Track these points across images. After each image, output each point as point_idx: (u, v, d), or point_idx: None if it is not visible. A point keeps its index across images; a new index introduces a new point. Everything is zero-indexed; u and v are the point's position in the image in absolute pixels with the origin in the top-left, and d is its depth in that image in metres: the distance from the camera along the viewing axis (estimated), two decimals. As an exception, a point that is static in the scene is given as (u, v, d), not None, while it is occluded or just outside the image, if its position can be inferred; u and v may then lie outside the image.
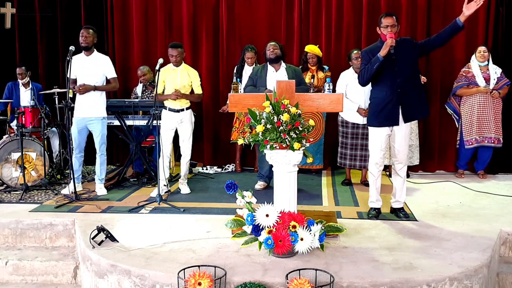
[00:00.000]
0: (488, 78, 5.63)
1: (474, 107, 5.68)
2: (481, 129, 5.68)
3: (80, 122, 4.99)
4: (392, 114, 4.00)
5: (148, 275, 3.09)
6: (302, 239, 3.15)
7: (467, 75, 5.71)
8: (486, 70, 5.66)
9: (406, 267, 3.13)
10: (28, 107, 5.52)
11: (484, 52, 5.64)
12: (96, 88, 4.95)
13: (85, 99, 4.93)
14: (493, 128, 5.65)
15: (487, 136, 5.68)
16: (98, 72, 4.99)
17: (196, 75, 5.07)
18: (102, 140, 5.07)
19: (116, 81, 5.12)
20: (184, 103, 5.00)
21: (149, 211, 4.43)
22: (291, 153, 3.34)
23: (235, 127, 6.11)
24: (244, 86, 5.12)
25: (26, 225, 4.12)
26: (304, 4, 6.32)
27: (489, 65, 5.68)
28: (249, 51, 5.93)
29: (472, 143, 5.74)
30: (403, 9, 6.10)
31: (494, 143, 5.69)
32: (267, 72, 4.92)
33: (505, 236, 3.81)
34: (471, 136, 5.74)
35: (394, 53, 3.89)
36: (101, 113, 5.05)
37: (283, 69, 4.93)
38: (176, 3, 6.57)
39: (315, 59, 5.83)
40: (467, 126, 5.76)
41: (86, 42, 4.90)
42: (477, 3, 3.71)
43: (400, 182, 4.19)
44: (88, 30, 4.93)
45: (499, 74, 5.67)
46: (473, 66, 5.71)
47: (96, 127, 5.01)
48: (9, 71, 6.63)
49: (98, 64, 4.99)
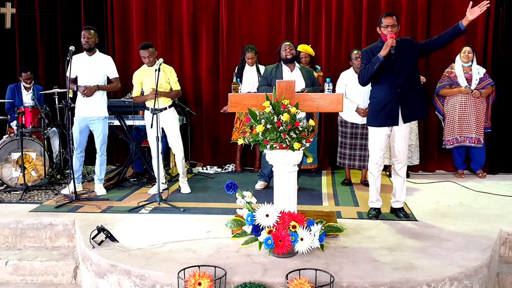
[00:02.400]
0: (470, 79, 5.66)
1: (456, 107, 5.71)
2: (462, 129, 5.70)
3: (81, 122, 4.99)
4: (391, 114, 4.00)
5: (148, 275, 3.09)
6: (302, 239, 3.15)
7: (450, 75, 5.75)
8: (469, 71, 5.69)
9: (406, 267, 3.13)
10: (28, 107, 5.52)
11: (469, 53, 5.66)
12: (99, 88, 4.96)
13: (86, 98, 4.93)
14: (474, 128, 5.66)
15: (468, 136, 5.69)
16: (100, 72, 5.00)
17: (172, 71, 5.02)
18: (103, 140, 5.07)
19: (118, 81, 5.12)
20: (165, 102, 4.96)
21: (149, 211, 4.43)
22: (291, 153, 3.34)
23: (236, 127, 6.11)
24: (258, 86, 5.12)
25: (26, 225, 4.12)
26: (304, 4, 6.32)
27: (472, 65, 5.70)
28: (249, 52, 5.94)
29: (452, 142, 5.76)
30: (403, 9, 6.10)
31: (475, 143, 5.69)
32: (282, 72, 4.93)
33: (505, 236, 3.81)
34: (452, 135, 5.77)
35: (394, 53, 3.89)
36: (103, 113, 5.06)
37: (298, 69, 4.97)
38: (176, 3, 6.57)
39: (308, 58, 5.84)
40: (449, 125, 5.79)
41: (88, 44, 4.91)
42: (481, 8, 3.71)
43: (400, 182, 4.19)
44: (90, 31, 4.94)
45: (482, 74, 5.69)
46: (456, 66, 5.74)
47: (98, 126, 5.01)
48: (9, 71, 6.65)
49: (101, 64, 5.00)
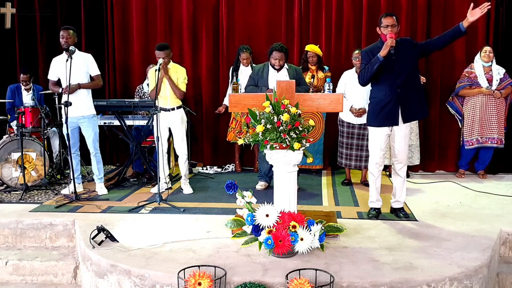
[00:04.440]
0: (491, 79, 5.62)
1: (477, 108, 5.67)
2: (483, 130, 5.67)
3: (70, 122, 4.95)
4: (391, 114, 4.00)
5: (148, 275, 3.09)
6: (302, 239, 3.15)
7: (470, 75, 5.70)
8: (489, 71, 5.65)
9: (406, 267, 3.13)
10: (28, 107, 5.51)
11: (490, 52, 5.62)
12: (81, 86, 4.90)
13: (73, 99, 4.85)
14: (496, 128, 5.64)
15: (490, 136, 5.67)
16: (81, 71, 4.94)
17: (183, 71, 5.04)
18: (95, 138, 5.06)
19: (99, 78, 5.08)
20: (174, 102, 5.00)
21: (149, 211, 4.43)
22: (291, 153, 3.34)
23: (231, 127, 6.12)
24: (245, 86, 5.11)
25: (26, 225, 4.12)
26: (304, 4, 6.32)
27: (492, 65, 5.67)
28: (244, 52, 5.93)
29: (472, 143, 5.73)
30: (403, 9, 6.10)
31: (497, 144, 5.67)
32: (268, 72, 4.91)
33: (505, 236, 3.81)
34: (472, 136, 5.73)
35: (394, 53, 3.89)
36: (90, 111, 5.04)
37: (285, 69, 4.92)
38: (176, 3, 6.57)
39: (315, 58, 5.83)
40: (469, 126, 5.75)
41: (67, 44, 4.85)
42: (482, 9, 3.71)
43: (400, 182, 4.19)
44: (68, 31, 4.88)
45: (502, 74, 5.65)
46: (476, 66, 5.69)
47: (88, 125, 5.00)
48: (9, 71, 6.64)
49: (81, 63, 4.94)
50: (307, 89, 4.95)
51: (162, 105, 4.96)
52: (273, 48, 4.84)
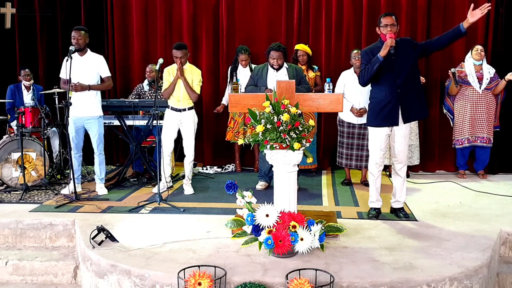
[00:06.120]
0: (481, 78, 5.63)
1: (467, 106, 5.68)
2: (473, 129, 5.68)
3: (76, 122, 4.98)
4: (391, 114, 4.00)
5: (148, 275, 3.09)
6: (302, 239, 3.15)
7: (460, 74, 5.71)
8: (480, 69, 5.66)
9: (406, 267, 3.13)
10: (28, 107, 5.52)
11: (481, 51, 5.63)
12: (91, 88, 4.93)
13: (80, 98, 4.91)
14: (486, 127, 5.65)
15: (480, 135, 5.68)
16: (92, 72, 4.97)
17: (198, 74, 5.04)
18: (100, 139, 5.07)
19: (110, 80, 5.10)
20: (186, 103, 5.00)
21: (149, 211, 4.43)
22: (291, 153, 3.34)
23: (230, 127, 6.12)
24: (245, 86, 5.11)
25: (26, 225, 4.12)
26: (304, 4, 6.32)
27: (483, 64, 5.68)
28: (242, 53, 5.93)
29: (462, 142, 5.74)
30: (403, 9, 6.10)
31: (486, 143, 5.68)
32: (267, 72, 4.91)
33: (505, 236, 3.81)
34: (462, 135, 5.74)
35: (394, 53, 3.89)
36: (97, 112, 5.05)
37: (284, 69, 4.91)
38: (176, 3, 6.57)
39: (305, 57, 5.84)
40: (459, 125, 5.76)
41: (78, 44, 4.87)
42: (482, 10, 3.71)
43: (400, 182, 4.19)
44: (80, 31, 4.90)
45: (493, 74, 5.66)
46: (467, 65, 5.70)
47: (93, 126, 5.01)
48: (9, 71, 6.64)
49: (93, 64, 4.97)
50: (308, 88, 4.92)
51: (173, 105, 4.97)
52: (271, 48, 4.85)
